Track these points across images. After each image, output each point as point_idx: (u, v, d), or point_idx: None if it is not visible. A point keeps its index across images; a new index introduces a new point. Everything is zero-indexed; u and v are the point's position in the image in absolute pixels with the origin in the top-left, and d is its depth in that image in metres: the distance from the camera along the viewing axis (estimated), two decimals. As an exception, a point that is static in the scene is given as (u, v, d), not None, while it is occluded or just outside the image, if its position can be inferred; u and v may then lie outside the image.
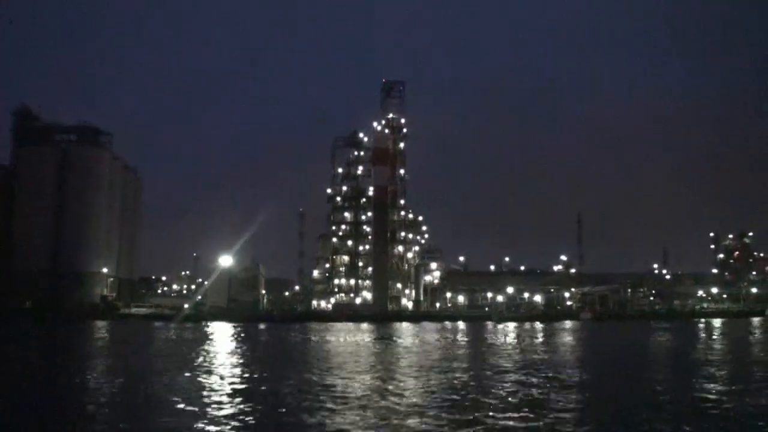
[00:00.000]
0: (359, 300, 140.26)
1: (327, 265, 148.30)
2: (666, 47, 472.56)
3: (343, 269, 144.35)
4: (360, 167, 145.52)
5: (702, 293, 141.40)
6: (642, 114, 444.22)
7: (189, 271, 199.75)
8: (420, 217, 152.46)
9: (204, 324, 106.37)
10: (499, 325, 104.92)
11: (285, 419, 22.35)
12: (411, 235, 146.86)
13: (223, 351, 51.76)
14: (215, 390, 28.37)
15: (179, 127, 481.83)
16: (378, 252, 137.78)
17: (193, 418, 21.91)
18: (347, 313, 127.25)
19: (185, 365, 38.43)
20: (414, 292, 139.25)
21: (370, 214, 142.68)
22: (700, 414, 23.37)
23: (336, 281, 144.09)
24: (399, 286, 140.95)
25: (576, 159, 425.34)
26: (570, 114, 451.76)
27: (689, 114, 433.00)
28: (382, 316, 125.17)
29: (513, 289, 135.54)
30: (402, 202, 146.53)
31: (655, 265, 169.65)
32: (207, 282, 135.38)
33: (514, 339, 69.34)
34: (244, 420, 21.78)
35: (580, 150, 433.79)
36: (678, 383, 32.40)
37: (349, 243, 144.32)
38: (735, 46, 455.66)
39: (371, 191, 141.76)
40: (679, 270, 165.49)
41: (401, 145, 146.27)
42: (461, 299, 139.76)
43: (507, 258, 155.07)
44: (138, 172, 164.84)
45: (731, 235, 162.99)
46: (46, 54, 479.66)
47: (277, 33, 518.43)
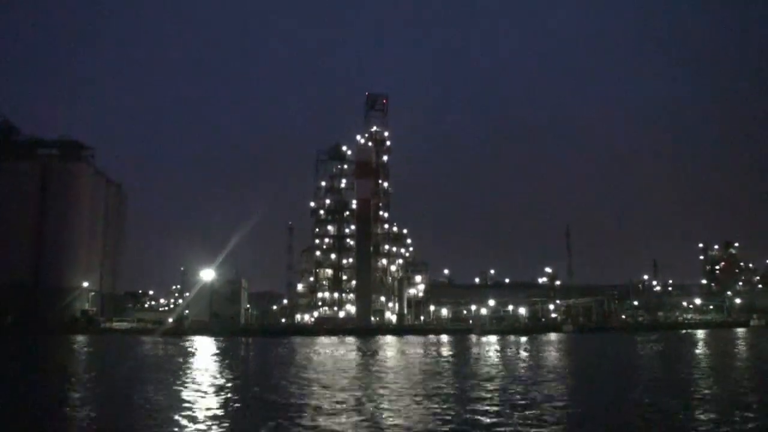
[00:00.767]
0: (342, 313, 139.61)
1: (311, 279, 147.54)
2: (652, 56, 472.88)
3: (327, 282, 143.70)
4: (343, 180, 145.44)
5: (686, 304, 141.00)
6: (631, 124, 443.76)
7: (179, 285, 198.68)
8: (404, 230, 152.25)
9: (184, 338, 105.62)
10: (482, 338, 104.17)
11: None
12: (395, 248, 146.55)
13: (193, 367, 50.98)
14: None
15: (165, 142, 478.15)
16: (361, 265, 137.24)
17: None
18: (329, 327, 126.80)
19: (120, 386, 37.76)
20: (398, 305, 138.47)
21: (353, 227, 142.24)
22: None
23: (319, 295, 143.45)
24: (383, 299, 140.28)
25: (566, 171, 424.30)
26: (558, 125, 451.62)
27: (677, 123, 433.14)
28: (365, 329, 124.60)
29: (495, 302, 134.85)
30: (385, 215, 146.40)
31: (646, 277, 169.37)
32: (187, 296, 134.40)
33: (477, 353, 68.68)
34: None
35: (569, 161, 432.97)
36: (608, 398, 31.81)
37: (333, 256, 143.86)
38: (722, 54, 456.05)
39: (354, 204, 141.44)
40: (670, 281, 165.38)
41: (384, 158, 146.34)
42: (445, 312, 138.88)
43: (492, 271, 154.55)
44: (122, 186, 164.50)
45: (717, 246, 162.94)
46: (27, 67, 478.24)
47: (259, 45, 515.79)
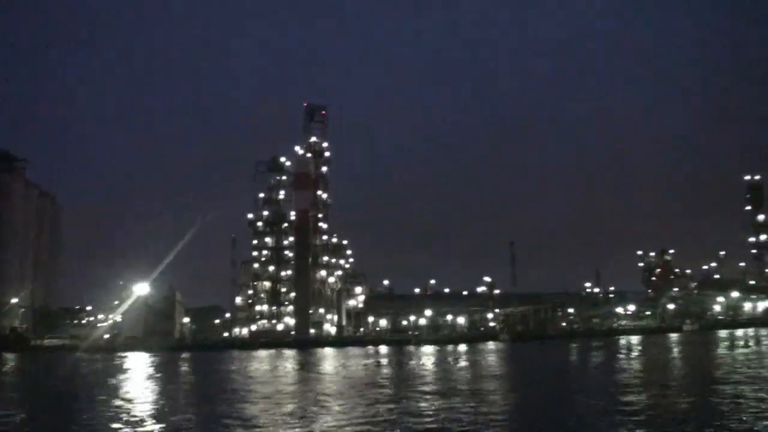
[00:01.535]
0: (281, 326, 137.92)
1: (250, 292, 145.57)
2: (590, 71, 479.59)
3: (265, 295, 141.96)
4: (282, 192, 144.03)
5: (621, 311, 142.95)
6: (572, 135, 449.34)
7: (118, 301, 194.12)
8: (344, 242, 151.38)
9: (116, 355, 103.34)
10: (418, 349, 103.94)
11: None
12: (334, 260, 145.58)
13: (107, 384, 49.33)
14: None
15: (105, 154, 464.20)
16: (299, 277, 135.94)
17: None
18: (265, 340, 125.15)
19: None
20: (336, 317, 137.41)
21: (292, 239, 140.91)
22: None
23: (258, 307, 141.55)
24: (322, 311, 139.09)
25: (509, 181, 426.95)
26: (502, 136, 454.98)
27: (619, 134, 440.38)
28: (302, 342, 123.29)
29: (433, 312, 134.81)
30: (324, 226, 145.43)
31: (588, 285, 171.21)
32: (119, 311, 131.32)
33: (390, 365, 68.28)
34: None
35: (513, 172, 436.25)
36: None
37: (271, 268, 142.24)
38: (665, 64, 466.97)
39: (293, 216, 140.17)
40: (611, 288, 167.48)
41: (324, 170, 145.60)
42: (384, 323, 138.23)
43: (433, 281, 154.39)
44: (56, 198, 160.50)
45: (653, 253, 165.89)
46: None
47: (200, 53, 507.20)
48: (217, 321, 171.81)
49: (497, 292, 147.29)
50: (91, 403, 33.85)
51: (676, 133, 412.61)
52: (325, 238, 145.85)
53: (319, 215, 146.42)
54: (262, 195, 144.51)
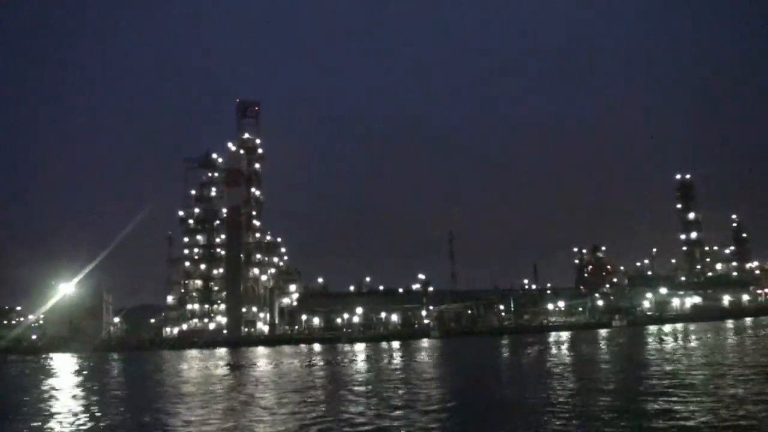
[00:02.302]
0: (213, 325, 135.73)
1: (182, 290, 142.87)
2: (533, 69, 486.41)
3: (197, 294, 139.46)
4: (213, 189, 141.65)
5: (552, 306, 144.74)
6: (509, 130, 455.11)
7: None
8: (278, 239, 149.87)
9: (40, 356, 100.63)
10: (348, 347, 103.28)
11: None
12: (267, 258, 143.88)
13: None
14: None
15: (37, 149, 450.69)
16: (231, 275, 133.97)
17: None
18: (195, 340, 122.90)
19: None
20: (269, 315, 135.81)
21: (224, 236, 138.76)
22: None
23: (189, 306, 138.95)
24: (254, 309, 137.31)
25: (447, 178, 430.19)
26: (437, 132, 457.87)
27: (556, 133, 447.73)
28: (233, 341, 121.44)
29: (365, 309, 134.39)
30: (257, 223, 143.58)
31: (526, 281, 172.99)
32: (41, 311, 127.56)
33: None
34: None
35: (450, 169, 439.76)
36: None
37: (203, 267, 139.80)
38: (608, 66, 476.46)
39: (225, 213, 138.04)
40: (548, 284, 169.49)
41: (257, 166, 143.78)
42: (317, 321, 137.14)
43: (368, 278, 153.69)
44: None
45: (585, 250, 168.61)
46: None
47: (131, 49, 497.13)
48: (153, 320, 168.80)
49: (431, 289, 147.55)
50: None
51: (610, 130, 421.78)
52: (258, 235, 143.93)
53: (253, 212, 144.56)
54: (193, 192, 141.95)
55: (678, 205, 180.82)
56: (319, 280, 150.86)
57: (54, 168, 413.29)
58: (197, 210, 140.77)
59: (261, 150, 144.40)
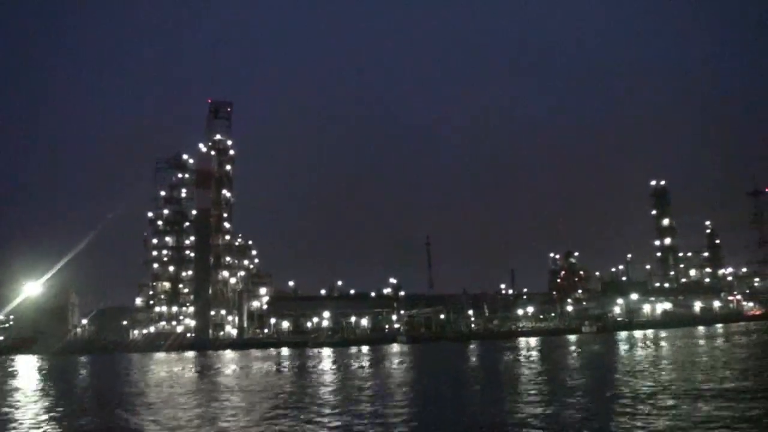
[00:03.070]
0: (181, 328, 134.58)
1: (150, 293, 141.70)
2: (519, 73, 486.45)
3: (165, 296, 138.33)
4: (183, 190, 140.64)
5: (522, 312, 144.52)
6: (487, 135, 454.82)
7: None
8: (249, 242, 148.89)
9: (4, 357, 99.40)
10: (314, 351, 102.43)
11: None
12: (237, 260, 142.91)
13: None
14: None
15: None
16: (200, 277, 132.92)
17: None
18: (162, 342, 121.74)
19: None
20: (238, 318, 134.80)
21: (193, 238, 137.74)
22: None
23: (157, 309, 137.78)
24: (223, 312, 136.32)
25: (425, 182, 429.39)
26: (416, 136, 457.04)
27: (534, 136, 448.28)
28: (202, 344, 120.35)
29: (333, 313, 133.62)
30: (228, 225, 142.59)
31: (503, 286, 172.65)
32: (4, 311, 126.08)
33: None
34: None
35: (428, 171, 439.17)
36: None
37: (171, 269, 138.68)
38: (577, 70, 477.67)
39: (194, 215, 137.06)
40: (525, 290, 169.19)
41: (228, 168, 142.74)
42: (286, 324, 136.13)
43: (340, 282, 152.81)
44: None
45: (558, 255, 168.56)
46: None
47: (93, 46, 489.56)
48: (125, 322, 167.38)
49: (402, 293, 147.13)
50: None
51: (593, 134, 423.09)
52: (228, 238, 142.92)
53: (224, 214, 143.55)
54: (163, 193, 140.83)
55: (653, 212, 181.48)
56: (290, 283, 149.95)
57: (22, 167, 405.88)
58: (166, 211, 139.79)
59: (232, 151, 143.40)
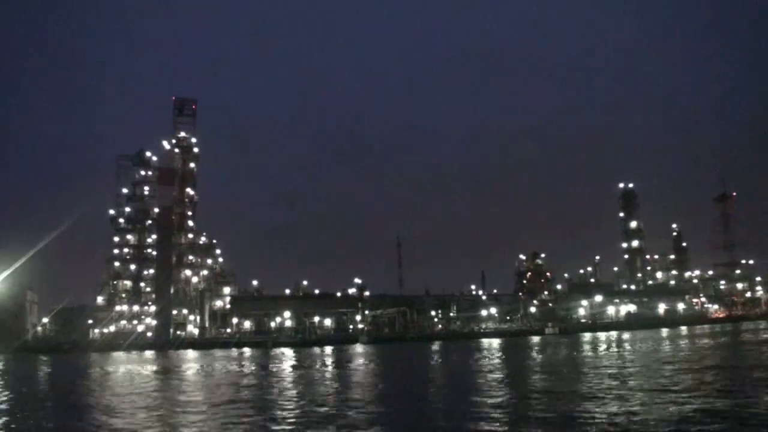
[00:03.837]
0: (142, 327, 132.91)
1: (112, 291, 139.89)
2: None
3: (126, 295, 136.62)
4: (146, 188, 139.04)
5: (485, 313, 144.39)
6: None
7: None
8: (214, 240, 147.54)
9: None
10: (273, 351, 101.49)
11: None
12: (200, 259, 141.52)
13: None
14: None
15: None
16: (161, 276, 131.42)
17: None
18: (121, 342, 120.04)
19: None
20: (199, 318, 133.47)
21: (156, 236, 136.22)
22: None
23: (118, 308, 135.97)
24: (185, 312, 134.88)
25: (396, 180, 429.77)
26: (382, 133, 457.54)
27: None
28: (162, 344, 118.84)
29: (295, 313, 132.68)
30: (191, 224, 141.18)
31: (473, 287, 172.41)
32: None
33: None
34: None
35: (399, 170, 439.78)
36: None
37: (133, 267, 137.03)
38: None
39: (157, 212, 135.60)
40: (495, 291, 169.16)
41: (192, 165, 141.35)
42: (248, 324, 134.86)
43: (305, 282, 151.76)
44: None
45: (524, 256, 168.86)
46: None
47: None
48: (90, 321, 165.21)
49: (368, 293, 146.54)
50: None
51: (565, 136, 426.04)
52: (191, 236, 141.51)
53: (188, 213, 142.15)
54: (125, 191, 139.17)
55: (621, 214, 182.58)
56: (254, 282, 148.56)
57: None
58: (128, 209, 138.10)
59: (197, 149, 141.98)
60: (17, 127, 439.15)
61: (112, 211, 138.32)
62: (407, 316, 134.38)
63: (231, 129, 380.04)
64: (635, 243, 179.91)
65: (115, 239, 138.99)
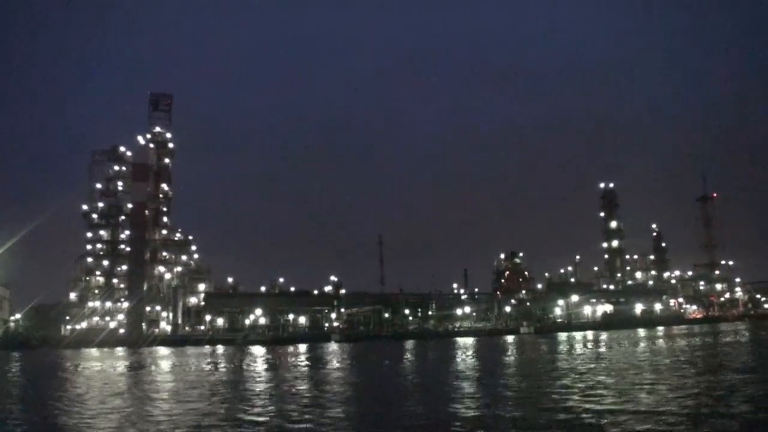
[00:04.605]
0: (114, 324, 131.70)
1: (84, 287, 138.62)
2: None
3: (99, 291, 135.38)
4: (120, 183, 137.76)
5: (460, 312, 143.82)
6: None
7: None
8: (190, 237, 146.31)
9: None
10: (245, 349, 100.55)
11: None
12: (174, 255, 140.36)
13: None
14: None
15: None
16: (134, 272, 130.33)
17: None
18: (92, 339, 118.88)
19: None
20: (172, 314, 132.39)
21: (129, 232, 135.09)
22: None
23: (90, 304, 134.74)
24: (158, 308, 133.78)
25: (377, 179, 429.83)
26: (363, 131, 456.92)
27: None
28: (134, 341, 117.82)
29: (268, 310, 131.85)
30: (166, 220, 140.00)
31: (455, 285, 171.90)
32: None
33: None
34: None
35: (381, 169, 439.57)
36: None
37: (105, 263, 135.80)
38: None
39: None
40: (476, 289, 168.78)
41: (167, 161, 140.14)
42: (221, 321, 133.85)
43: (281, 279, 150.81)
44: None
45: (503, 255, 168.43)
46: None
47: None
48: (68, 317, 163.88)
49: (343, 291, 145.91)
50: None
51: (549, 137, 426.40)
52: (165, 232, 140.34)
53: (163, 209, 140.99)
54: (99, 186, 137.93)
55: (601, 214, 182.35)
56: (229, 279, 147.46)
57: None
58: (101, 204, 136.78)
59: (172, 144, 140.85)
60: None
61: (85, 207, 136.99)
62: (382, 314, 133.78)
63: (208, 126, 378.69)
64: (615, 243, 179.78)
65: (88, 235, 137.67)
